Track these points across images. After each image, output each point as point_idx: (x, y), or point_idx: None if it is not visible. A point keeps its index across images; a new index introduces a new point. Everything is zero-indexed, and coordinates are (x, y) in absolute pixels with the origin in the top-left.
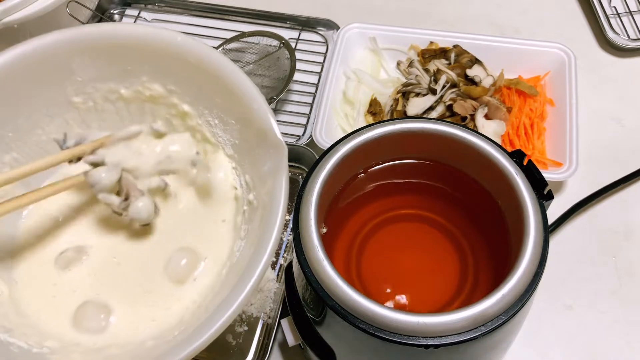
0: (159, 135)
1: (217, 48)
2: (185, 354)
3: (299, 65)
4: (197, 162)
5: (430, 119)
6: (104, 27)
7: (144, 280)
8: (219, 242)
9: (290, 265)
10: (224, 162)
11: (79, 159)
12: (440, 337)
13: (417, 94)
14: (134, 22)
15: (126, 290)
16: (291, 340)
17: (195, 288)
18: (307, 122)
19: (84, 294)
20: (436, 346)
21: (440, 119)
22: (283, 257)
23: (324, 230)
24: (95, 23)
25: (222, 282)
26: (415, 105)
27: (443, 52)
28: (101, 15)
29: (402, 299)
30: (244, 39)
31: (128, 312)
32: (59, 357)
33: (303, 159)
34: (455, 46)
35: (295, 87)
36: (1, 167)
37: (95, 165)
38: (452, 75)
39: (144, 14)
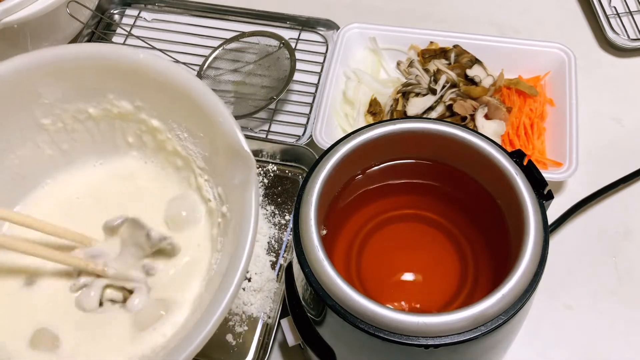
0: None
1: (217, 48)
2: None
3: (299, 65)
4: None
5: (430, 119)
6: (67, 49)
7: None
8: (197, 261)
9: (290, 265)
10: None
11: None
12: (440, 337)
13: (417, 94)
14: (134, 22)
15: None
16: (291, 340)
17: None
18: (307, 122)
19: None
20: (436, 346)
21: (440, 119)
22: (283, 257)
23: (324, 232)
24: (59, 45)
25: (202, 296)
26: (415, 105)
27: (443, 52)
28: (101, 15)
29: (402, 299)
30: (244, 39)
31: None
32: None
33: (303, 159)
34: (455, 46)
35: (295, 87)
36: None
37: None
38: (452, 75)
39: (144, 14)
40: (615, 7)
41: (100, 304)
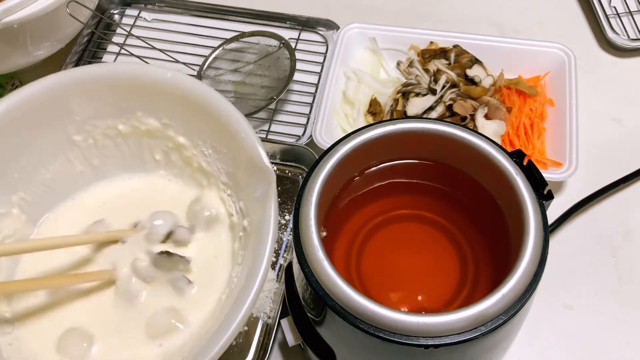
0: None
1: (217, 48)
2: None
3: (299, 65)
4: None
5: (430, 119)
6: (99, 68)
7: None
8: (215, 274)
9: (290, 265)
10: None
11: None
12: (440, 337)
13: (417, 94)
14: (134, 22)
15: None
16: (291, 340)
17: (195, 318)
18: (307, 122)
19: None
20: (436, 346)
21: (440, 119)
22: (283, 257)
23: (324, 234)
24: (89, 64)
25: (222, 307)
26: (415, 105)
27: (443, 52)
28: (101, 15)
29: (402, 299)
30: (244, 39)
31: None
32: None
33: (303, 159)
34: (455, 46)
35: (295, 87)
36: (10, 208)
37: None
38: (452, 75)
39: (144, 14)
40: (615, 7)
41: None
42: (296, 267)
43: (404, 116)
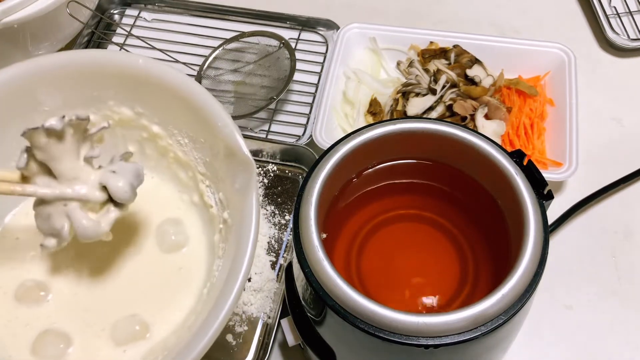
0: None
1: (217, 48)
2: None
3: (299, 65)
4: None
5: (430, 119)
6: (66, 55)
7: (105, 312)
8: (195, 266)
9: (290, 265)
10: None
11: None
12: (440, 337)
13: (417, 94)
14: (134, 22)
15: (86, 322)
16: (291, 340)
17: (170, 317)
18: (307, 122)
19: (44, 324)
20: (436, 346)
21: (440, 119)
22: (283, 257)
23: (324, 236)
24: (56, 52)
25: (204, 302)
26: (415, 105)
27: (443, 52)
28: (101, 15)
29: (402, 299)
30: (244, 39)
31: (90, 342)
32: None
33: (303, 159)
34: (455, 46)
35: (295, 87)
36: None
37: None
38: (452, 75)
39: (144, 14)
40: (615, 7)
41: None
42: (296, 267)
43: (404, 116)
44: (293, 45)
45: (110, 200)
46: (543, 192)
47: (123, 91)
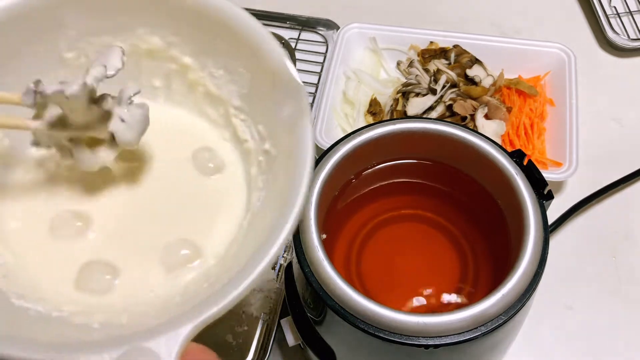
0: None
1: None
2: (229, 299)
3: (299, 65)
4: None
5: (430, 119)
6: None
7: (153, 237)
8: (229, 202)
9: (290, 265)
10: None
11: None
12: (440, 337)
13: (417, 94)
14: None
15: (134, 249)
16: (291, 340)
17: (215, 242)
18: None
19: (83, 256)
20: (436, 346)
21: (440, 119)
22: (283, 257)
23: (324, 236)
24: None
25: (245, 233)
26: (415, 105)
27: (443, 52)
28: None
29: (402, 299)
30: None
31: (138, 270)
32: (82, 318)
33: None
34: (455, 46)
35: None
36: None
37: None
38: (452, 75)
39: None
40: (615, 7)
41: None
42: (296, 267)
43: (404, 116)
44: (293, 45)
45: (113, 138)
46: (543, 192)
47: (155, 18)
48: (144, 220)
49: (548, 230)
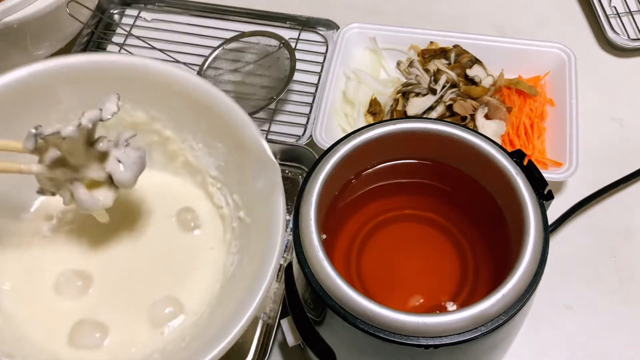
0: None
1: (217, 48)
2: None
3: (299, 65)
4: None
5: (430, 119)
6: (91, 57)
7: (142, 295)
8: (207, 264)
9: (290, 265)
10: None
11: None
12: (440, 337)
13: (417, 94)
14: (134, 22)
15: (120, 309)
16: (291, 340)
17: (194, 299)
18: (307, 122)
19: (79, 313)
20: (436, 346)
21: (440, 119)
22: (283, 257)
23: (324, 236)
24: (80, 53)
25: (218, 296)
26: (415, 105)
27: (443, 52)
28: (101, 15)
29: (402, 299)
30: (244, 39)
31: (124, 330)
32: None
33: (303, 159)
34: (455, 46)
35: (295, 87)
36: None
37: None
38: (452, 75)
39: (143, 14)
40: (615, 7)
41: None
42: (296, 267)
43: (404, 116)
44: (293, 45)
45: (111, 180)
46: (543, 192)
47: (142, 95)
48: (135, 277)
49: (548, 230)
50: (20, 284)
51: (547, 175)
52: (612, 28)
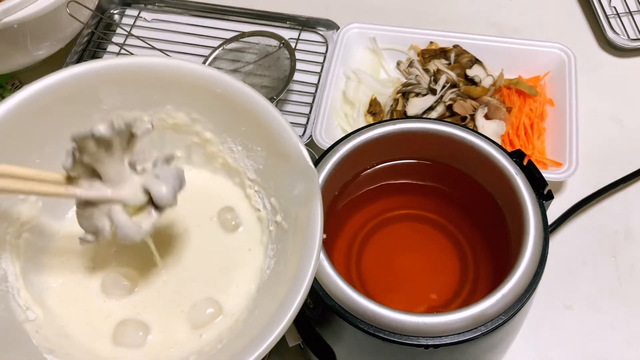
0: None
1: (217, 48)
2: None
3: (299, 65)
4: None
5: (430, 119)
6: (135, 59)
7: (183, 296)
8: (245, 266)
9: None
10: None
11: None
12: (440, 337)
13: (417, 94)
14: (134, 22)
15: (163, 309)
16: (291, 340)
17: (233, 301)
18: (307, 122)
19: (124, 313)
20: (436, 346)
21: (440, 119)
22: None
23: (324, 236)
24: (125, 55)
25: (255, 299)
26: (415, 105)
27: (443, 52)
28: (101, 15)
29: (402, 299)
30: (244, 39)
31: (164, 330)
32: None
33: None
34: (455, 46)
35: (295, 87)
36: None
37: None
38: (452, 75)
39: (143, 14)
40: (615, 7)
41: None
42: None
43: (404, 116)
44: (293, 45)
45: (151, 202)
46: (543, 192)
47: (184, 98)
48: (178, 278)
49: (548, 230)
50: (67, 282)
51: (547, 175)
52: (612, 28)
